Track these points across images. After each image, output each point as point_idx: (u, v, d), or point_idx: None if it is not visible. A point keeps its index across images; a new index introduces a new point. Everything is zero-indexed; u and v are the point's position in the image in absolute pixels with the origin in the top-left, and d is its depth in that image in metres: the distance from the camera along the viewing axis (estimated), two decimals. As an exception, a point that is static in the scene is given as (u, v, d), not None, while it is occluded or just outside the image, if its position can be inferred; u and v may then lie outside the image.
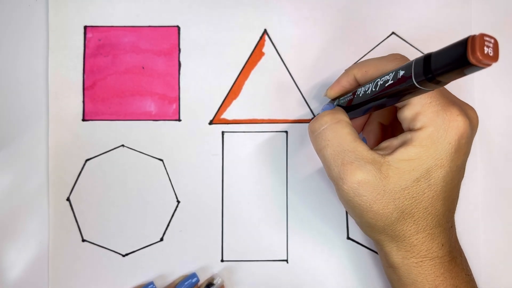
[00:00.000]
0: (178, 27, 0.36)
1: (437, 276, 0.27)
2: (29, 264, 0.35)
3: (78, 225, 0.35)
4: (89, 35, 0.36)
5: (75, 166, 0.35)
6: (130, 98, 0.36)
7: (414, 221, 0.27)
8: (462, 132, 0.25)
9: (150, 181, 0.36)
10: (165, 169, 0.36)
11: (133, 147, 0.36)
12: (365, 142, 0.32)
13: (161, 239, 0.35)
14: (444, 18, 0.36)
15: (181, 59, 0.36)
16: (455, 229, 0.30)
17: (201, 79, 0.36)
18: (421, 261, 0.27)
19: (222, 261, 0.35)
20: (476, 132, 0.28)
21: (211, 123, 0.36)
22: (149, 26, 0.36)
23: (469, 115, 0.26)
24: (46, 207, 0.35)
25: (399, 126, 0.29)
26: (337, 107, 0.30)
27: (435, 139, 0.25)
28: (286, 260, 0.36)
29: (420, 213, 0.26)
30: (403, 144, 0.26)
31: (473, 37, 0.19)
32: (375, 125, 0.33)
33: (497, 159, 0.36)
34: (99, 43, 0.36)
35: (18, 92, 0.36)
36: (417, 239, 0.27)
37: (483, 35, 0.19)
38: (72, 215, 0.35)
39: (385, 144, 0.28)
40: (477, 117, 0.27)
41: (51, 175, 0.35)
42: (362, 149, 0.26)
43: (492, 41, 0.19)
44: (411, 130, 0.26)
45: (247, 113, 0.36)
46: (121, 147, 0.36)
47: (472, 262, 0.32)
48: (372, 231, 0.28)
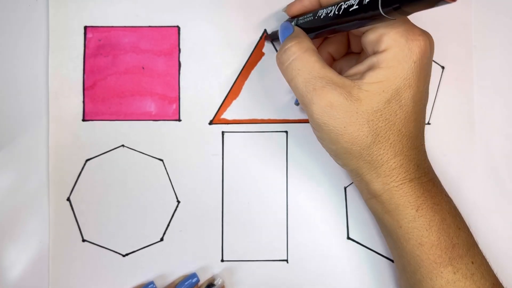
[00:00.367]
0: (178, 27, 0.36)
1: (418, 197, 0.28)
2: (29, 264, 0.35)
3: (78, 225, 0.35)
4: (89, 35, 0.36)
5: (75, 166, 0.35)
6: (130, 98, 0.36)
7: (391, 144, 0.27)
8: (425, 51, 0.26)
9: (150, 181, 0.36)
10: (165, 169, 0.36)
11: (133, 147, 0.36)
12: None
13: (161, 239, 0.35)
14: (444, 18, 0.36)
15: (181, 59, 0.36)
16: (427, 154, 0.30)
17: (201, 79, 0.36)
18: (401, 184, 0.28)
19: (222, 261, 0.35)
20: (433, 56, 0.28)
21: (211, 123, 0.36)
22: (149, 26, 0.36)
23: (428, 36, 0.27)
24: (46, 207, 0.35)
25: (349, 64, 0.29)
26: (298, 29, 0.30)
27: (400, 59, 0.26)
28: (286, 260, 0.36)
29: (395, 135, 0.27)
30: (370, 68, 0.27)
31: None
32: (324, 55, 0.33)
33: (497, 159, 0.36)
34: (99, 43, 0.36)
35: (18, 92, 0.36)
36: (395, 162, 0.27)
37: None
38: (72, 215, 0.35)
39: (352, 71, 0.28)
40: (433, 41, 0.28)
41: (51, 175, 0.35)
42: (332, 75, 0.27)
43: None
44: (376, 53, 0.27)
45: (247, 113, 0.36)
46: (121, 147, 0.36)
47: (472, 262, 0.32)
48: (349, 157, 0.28)
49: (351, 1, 0.25)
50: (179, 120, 0.36)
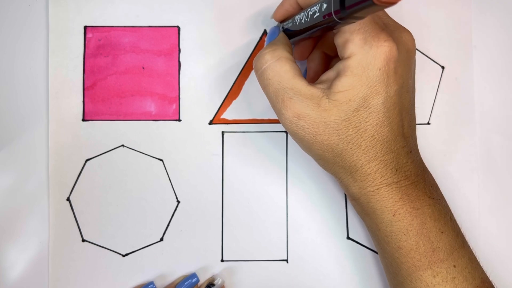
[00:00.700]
0: (178, 27, 0.36)
1: (395, 202, 0.27)
2: (29, 264, 0.35)
3: (78, 225, 0.35)
4: (89, 35, 0.36)
5: (75, 166, 0.35)
6: (130, 98, 0.36)
7: (363, 150, 0.27)
8: (390, 57, 0.26)
9: (150, 181, 0.36)
10: (165, 169, 0.36)
11: (133, 147, 0.36)
12: (304, 72, 0.33)
13: (161, 239, 0.35)
14: (444, 18, 0.36)
15: (181, 59, 0.36)
16: (418, 154, 0.30)
17: (201, 79, 0.36)
18: (377, 189, 0.27)
19: (222, 261, 0.35)
20: (414, 54, 0.28)
21: (211, 123, 0.36)
22: (149, 26, 0.36)
23: (402, 39, 0.27)
24: (46, 207, 0.35)
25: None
26: (280, 35, 0.30)
27: (364, 66, 0.26)
28: (286, 260, 0.36)
29: (367, 142, 0.27)
30: (338, 75, 0.26)
31: None
32: (318, 54, 0.33)
33: (497, 159, 0.36)
34: (99, 43, 0.36)
35: (18, 92, 0.36)
36: (370, 168, 0.27)
37: None
38: (72, 215, 0.35)
39: (324, 77, 0.28)
40: (412, 40, 0.28)
41: (51, 175, 0.35)
42: (301, 86, 0.27)
43: None
44: (342, 58, 0.27)
45: (247, 113, 0.36)
46: (121, 147, 0.36)
47: (472, 262, 0.32)
48: (325, 163, 0.29)
49: (314, 8, 0.26)
50: (179, 120, 0.36)
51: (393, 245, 0.28)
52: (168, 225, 0.35)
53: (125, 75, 0.36)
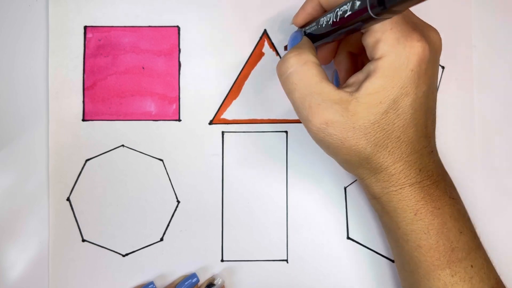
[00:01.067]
0: (178, 27, 0.36)
1: (417, 201, 0.27)
2: (29, 264, 0.35)
3: (78, 225, 0.35)
4: (89, 35, 0.36)
5: (75, 166, 0.35)
6: (130, 98, 0.36)
7: (389, 151, 0.27)
8: (423, 58, 0.25)
9: (150, 181, 0.36)
10: (165, 169, 0.36)
11: (133, 147, 0.36)
12: (336, 76, 0.32)
13: (161, 239, 0.35)
14: (444, 18, 0.36)
15: (181, 59, 0.36)
16: (437, 154, 0.30)
17: (201, 79, 0.36)
18: (400, 189, 0.27)
19: (222, 261, 0.35)
20: (440, 54, 0.28)
21: (211, 123, 0.36)
22: (149, 26, 0.36)
23: (431, 38, 0.26)
24: (46, 207, 0.35)
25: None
26: (304, 40, 0.29)
27: (397, 67, 0.25)
28: (286, 260, 0.36)
29: (393, 143, 0.27)
30: (367, 77, 0.26)
31: None
32: (344, 55, 0.32)
33: (497, 159, 0.36)
34: (99, 43, 0.36)
35: (18, 92, 0.36)
36: (394, 169, 0.27)
37: None
38: (72, 215, 0.35)
39: (352, 79, 0.27)
40: (440, 39, 0.27)
41: (51, 175, 0.35)
42: (329, 90, 0.26)
43: None
44: (372, 59, 0.26)
45: (247, 113, 0.36)
46: (121, 147, 0.36)
47: (472, 262, 0.32)
48: (350, 167, 0.29)
49: (344, 7, 0.25)
50: (179, 120, 0.36)
51: (412, 244, 0.28)
52: (168, 225, 0.35)
53: (125, 75, 0.36)
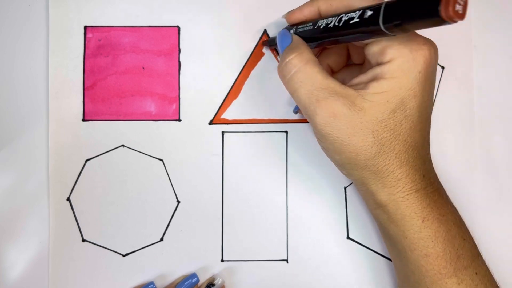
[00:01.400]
0: (178, 27, 0.36)
1: (424, 208, 0.27)
2: (29, 264, 0.35)
3: (78, 225, 0.35)
4: (89, 35, 0.36)
5: (75, 166, 0.35)
6: (130, 98, 0.36)
7: (396, 154, 0.27)
8: (429, 60, 0.26)
9: (150, 181, 0.36)
10: (165, 169, 0.36)
11: (133, 147, 0.36)
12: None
13: (161, 239, 0.35)
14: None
15: (181, 59, 0.36)
16: (432, 163, 0.30)
17: (201, 79, 0.36)
18: (407, 195, 0.27)
19: (222, 261, 0.35)
20: (437, 63, 0.28)
21: (211, 123, 0.36)
22: (149, 26, 0.36)
23: (432, 43, 0.27)
24: (46, 207, 0.35)
25: (349, 75, 0.28)
26: (297, 39, 0.29)
27: (405, 69, 0.26)
28: (286, 260, 0.36)
29: (400, 146, 0.27)
30: (374, 79, 0.26)
31: None
32: (323, 66, 0.32)
33: (497, 159, 0.36)
34: (99, 43, 0.36)
35: (18, 92, 0.36)
36: (401, 173, 0.27)
37: None
38: (72, 215, 0.35)
39: (355, 81, 0.28)
40: (437, 49, 0.28)
41: (51, 175, 0.35)
42: (335, 85, 0.27)
43: None
44: (380, 64, 0.26)
45: (247, 113, 0.36)
46: (121, 147, 0.36)
47: (472, 262, 0.32)
48: (354, 168, 0.28)
49: (352, 14, 0.25)
50: (179, 120, 0.36)
51: (419, 253, 0.28)
52: (168, 225, 0.35)
53: (125, 75, 0.36)
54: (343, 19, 0.26)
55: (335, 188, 0.36)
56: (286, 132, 0.36)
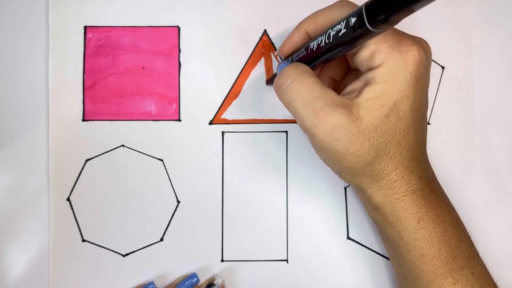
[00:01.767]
0: (178, 27, 0.36)
1: (419, 209, 0.28)
2: (29, 264, 0.35)
3: (78, 225, 0.35)
4: (89, 35, 0.36)
5: (75, 166, 0.35)
6: (130, 98, 0.36)
7: (391, 157, 0.27)
8: (419, 61, 0.26)
9: (150, 181, 0.36)
10: (165, 169, 0.36)
11: (133, 147, 0.36)
12: None
13: (161, 239, 0.35)
14: (444, 18, 0.36)
15: (181, 59, 0.36)
16: (429, 163, 0.30)
17: (201, 79, 0.36)
18: (403, 196, 0.27)
19: (222, 261, 0.35)
20: (431, 62, 0.28)
21: (211, 123, 0.36)
22: (149, 26, 0.36)
23: (422, 44, 0.27)
24: (46, 207, 0.35)
25: (351, 81, 0.29)
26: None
27: (395, 72, 0.26)
28: (286, 260, 0.36)
29: (394, 148, 0.27)
30: (366, 84, 0.26)
31: None
32: (326, 80, 0.33)
33: (497, 159, 0.36)
34: (99, 43, 0.36)
35: (18, 92, 0.36)
36: (396, 175, 0.27)
37: None
38: (72, 215, 0.35)
39: (349, 88, 0.28)
40: (429, 47, 0.28)
41: (51, 175, 0.35)
42: (331, 95, 0.27)
43: None
44: (370, 69, 0.26)
45: (247, 113, 0.36)
46: (121, 147, 0.36)
47: (472, 262, 0.32)
48: (352, 175, 0.28)
49: (337, 26, 0.25)
50: (179, 120, 0.36)
51: (415, 253, 0.28)
52: (168, 225, 0.35)
53: (125, 75, 0.36)
54: (331, 34, 0.26)
55: (335, 188, 0.36)
56: (286, 132, 0.36)
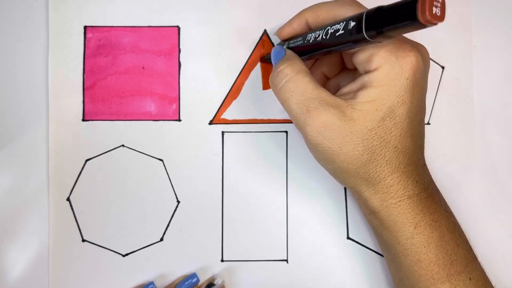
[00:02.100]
0: (178, 27, 0.36)
1: (416, 214, 0.28)
2: (29, 264, 0.35)
3: (78, 225, 0.35)
4: (89, 35, 0.36)
5: (75, 166, 0.35)
6: (130, 98, 0.36)
7: (387, 161, 0.27)
8: (416, 67, 0.26)
9: (150, 181, 0.36)
10: (165, 169, 0.36)
11: (133, 147, 0.36)
12: None
13: (161, 239, 0.35)
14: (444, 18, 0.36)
15: (181, 59, 0.36)
16: (427, 168, 0.30)
17: (201, 79, 0.36)
18: (399, 201, 0.27)
19: (222, 261, 0.35)
20: (429, 68, 0.28)
21: (211, 123, 0.36)
22: (149, 26, 0.36)
23: (420, 50, 0.27)
24: (46, 207, 0.35)
25: (345, 80, 0.29)
26: (290, 52, 0.30)
27: (392, 76, 0.26)
28: (286, 260, 0.36)
29: (390, 152, 0.27)
30: (362, 87, 0.26)
31: None
32: (317, 75, 0.33)
33: (497, 159, 0.36)
34: (99, 43, 0.36)
35: (18, 92, 0.36)
36: (392, 179, 0.27)
37: None
38: (72, 215, 0.35)
39: (345, 89, 0.28)
40: (427, 53, 0.28)
41: (51, 175, 0.35)
42: (325, 95, 0.27)
43: (440, 1, 0.20)
44: (367, 72, 0.26)
45: (247, 113, 0.36)
46: (121, 147, 0.36)
47: (472, 262, 0.32)
48: (346, 176, 0.28)
49: (336, 26, 0.25)
50: (179, 120, 0.36)
51: (412, 258, 0.28)
52: (168, 225, 0.36)
53: (125, 75, 0.36)
54: (329, 31, 0.26)
55: (335, 188, 0.36)
56: (286, 132, 0.36)
